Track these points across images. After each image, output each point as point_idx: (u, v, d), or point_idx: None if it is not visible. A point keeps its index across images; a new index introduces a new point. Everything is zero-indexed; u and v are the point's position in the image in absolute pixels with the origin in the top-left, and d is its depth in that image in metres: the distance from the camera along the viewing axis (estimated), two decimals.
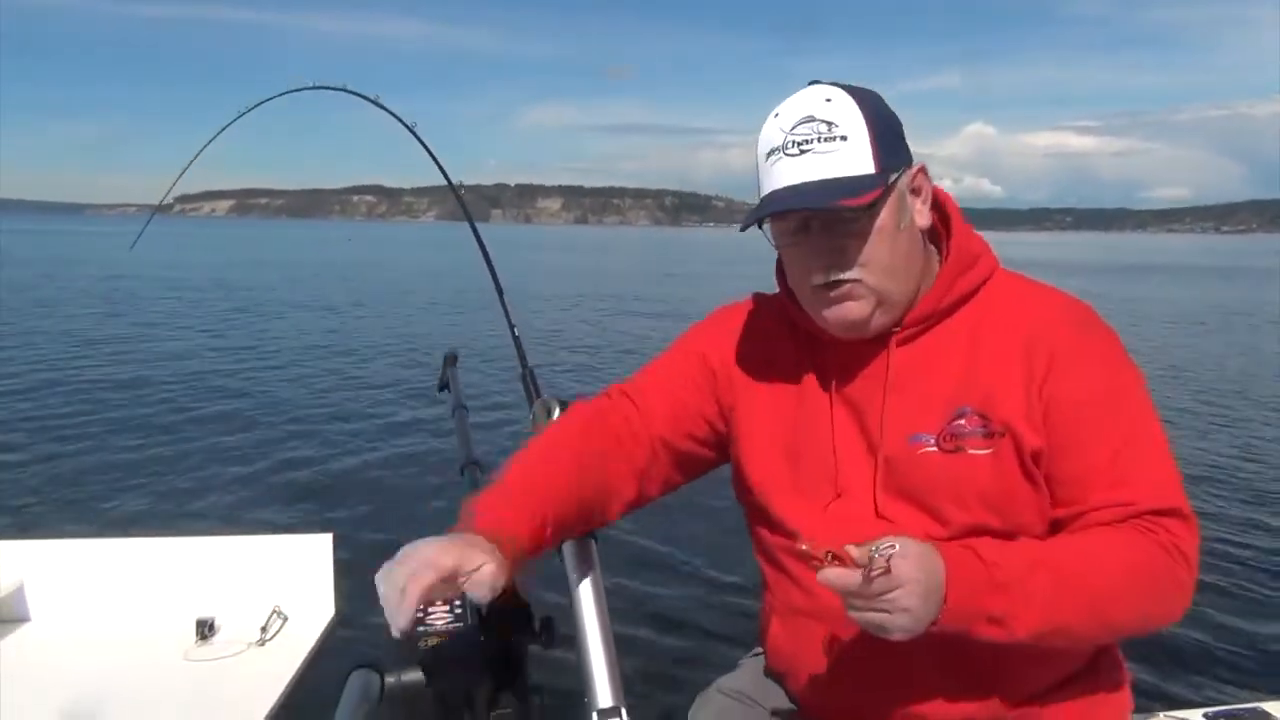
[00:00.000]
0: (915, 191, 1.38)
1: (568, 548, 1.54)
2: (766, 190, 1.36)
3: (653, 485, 1.52)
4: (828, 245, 1.33)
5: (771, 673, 1.57)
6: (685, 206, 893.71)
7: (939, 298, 1.39)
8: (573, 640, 1.42)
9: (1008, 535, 1.31)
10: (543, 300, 21.30)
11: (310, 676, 1.89)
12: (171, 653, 1.93)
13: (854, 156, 1.31)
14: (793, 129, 1.33)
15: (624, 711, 1.21)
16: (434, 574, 1.13)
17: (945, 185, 1.49)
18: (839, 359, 1.43)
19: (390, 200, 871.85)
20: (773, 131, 1.35)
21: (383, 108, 2.50)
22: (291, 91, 2.51)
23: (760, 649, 1.65)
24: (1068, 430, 1.31)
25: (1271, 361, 13.97)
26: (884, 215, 1.33)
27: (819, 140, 1.31)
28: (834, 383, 1.43)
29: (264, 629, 1.98)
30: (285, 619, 2.02)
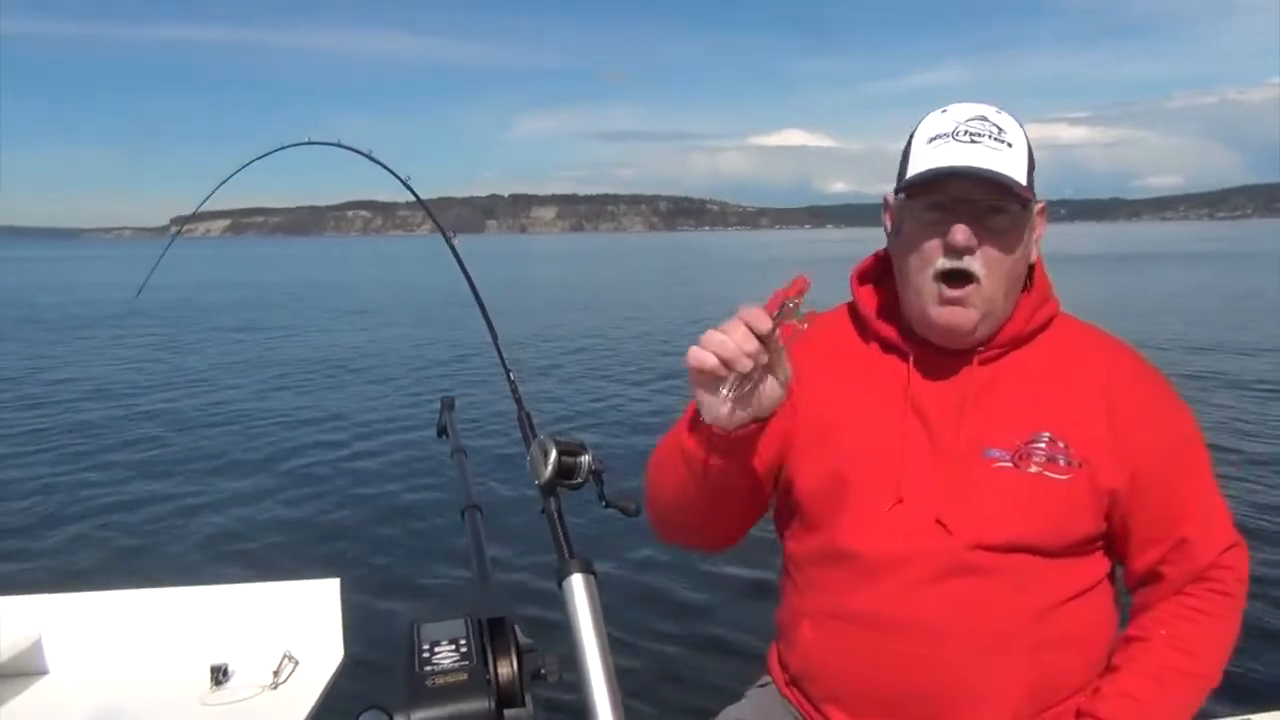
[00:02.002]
0: (1035, 228, 1.47)
1: (568, 583, 1.58)
2: (925, 167, 1.40)
3: (752, 513, 1.58)
4: (972, 230, 1.39)
5: (792, 680, 1.59)
6: (680, 211, 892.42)
7: (1024, 323, 1.47)
8: (576, 676, 1.47)
9: (1055, 556, 1.41)
10: (537, 318, 21.36)
11: (322, 718, 1.94)
12: (187, 699, 1.98)
13: (1016, 163, 1.39)
14: (966, 121, 1.42)
15: None
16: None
17: None
18: (920, 368, 1.49)
19: (385, 215, 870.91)
20: (941, 121, 1.43)
21: (377, 162, 2.56)
22: (288, 147, 2.57)
23: (766, 679, 1.68)
24: (1157, 475, 1.42)
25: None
26: (1021, 228, 1.42)
27: (990, 138, 1.40)
28: (907, 392, 1.48)
29: (276, 673, 2.02)
30: (296, 663, 2.06)
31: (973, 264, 1.40)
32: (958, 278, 1.40)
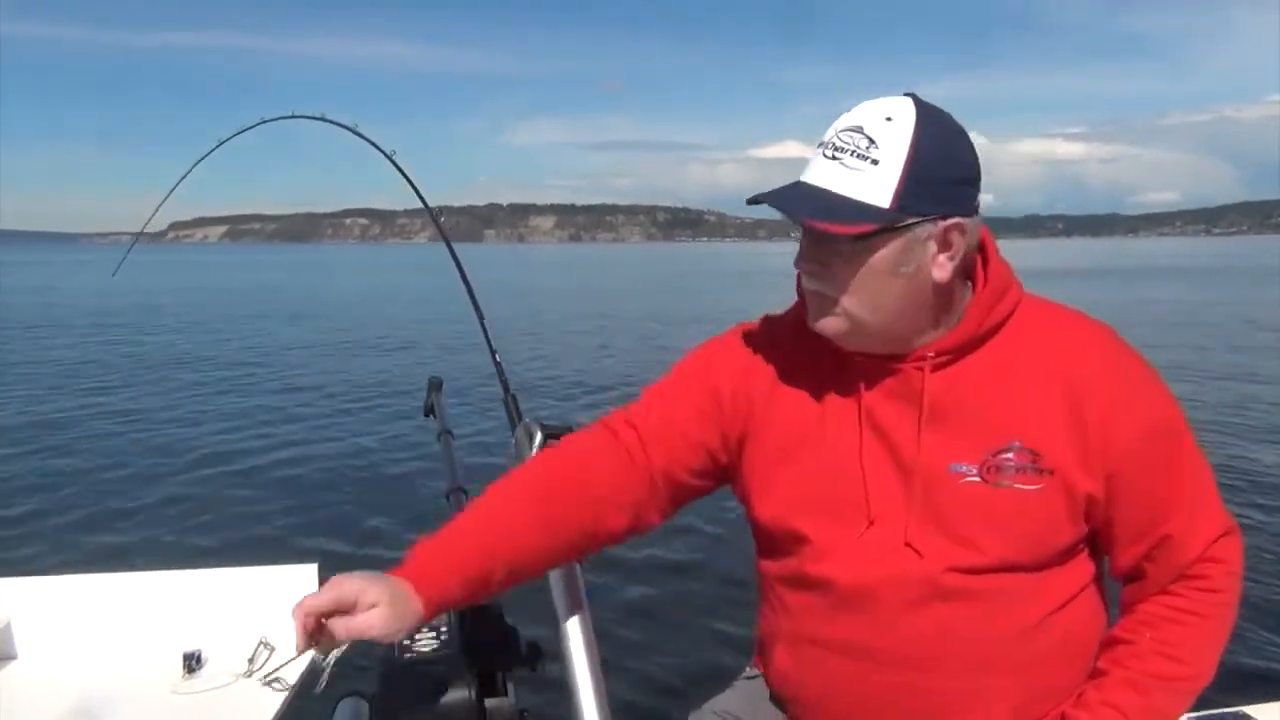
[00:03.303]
0: (945, 245, 1.33)
1: (553, 573, 1.54)
2: (798, 178, 1.35)
3: (650, 515, 1.50)
4: (816, 254, 1.33)
5: (773, 697, 1.56)
6: (678, 222, 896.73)
7: (974, 326, 1.37)
8: (559, 662, 1.43)
9: (1036, 569, 1.34)
10: (531, 320, 21.36)
11: (299, 706, 1.89)
12: (160, 687, 1.93)
13: (873, 184, 1.28)
14: (840, 132, 1.32)
15: None
16: (319, 603, 1.22)
17: None
18: (868, 380, 1.40)
19: (383, 222, 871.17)
20: (832, 125, 1.34)
21: (361, 136, 2.51)
22: (268, 121, 2.52)
23: (754, 670, 1.64)
24: (1135, 471, 1.33)
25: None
26: (882, 254, 1.30)
27: (852, 154, 1.29)
28: (861, 405, 1.40)
29: (251, 660, 1.97)
30: (272, 650, 2.01)
31: (820, 285, 1.35)
32: (810, 293, 1.37)
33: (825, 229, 1.28)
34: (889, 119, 1.30)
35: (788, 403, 1.45)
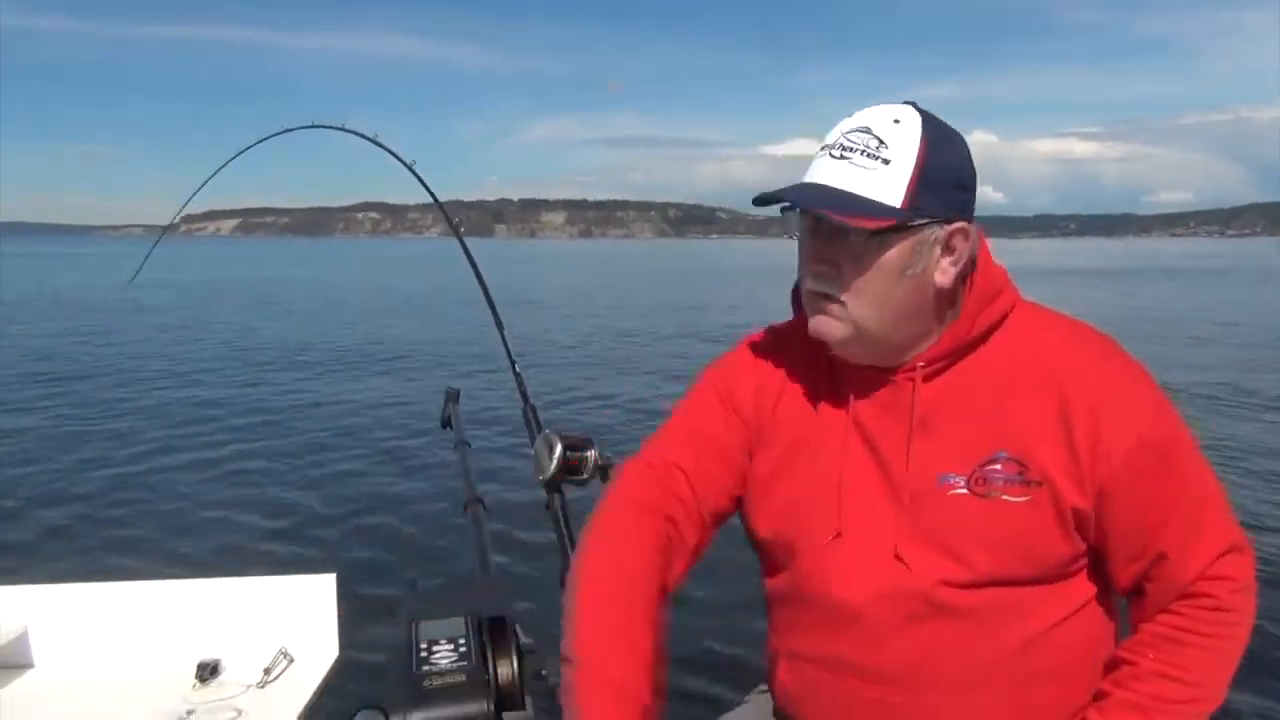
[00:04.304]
0: (948, 249, 1.33)
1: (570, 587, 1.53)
2: (802, 180, 1.33)
3: (700, 553, 1.47)
4: (825, 254, 1.32)
5: (778, 715, 1.55)
6: (689, 219, 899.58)
7: (964, 332, 1.36)
8: None
9: (1029, 584, 1.31)
10: (546, 319, 21.40)
11: (314, 718, 1.88)
12: (175, 696, 1.92)
13: (886, 183, 1.28)
14: (847, 133, 1.31)
15: None
16: None
17: None
18: (859, 391, 1.39)
19: (394, 217, 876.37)
20: (834, 129, 1.34)
21: (382, 146, 2.51)
22: (290, 130, 2.53)
23: (765, 688, 1.62)
24: (1125, 483, 1.29)
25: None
26: (892, 253, 1.30)
27: (862, 153, 1.29)
28: (851, 414, 1.39)
29: (267, 670, 1.97)
30: (289, 660, 2.01)
31: (826, 286, 1.33)
32: (818, 295, 1.35)
33: (845, 221, 1.27)
34: (896, 121, 1.30)
35: (789, 415, 1.45)
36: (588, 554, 1.35)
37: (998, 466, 1.30)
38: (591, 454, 1.72)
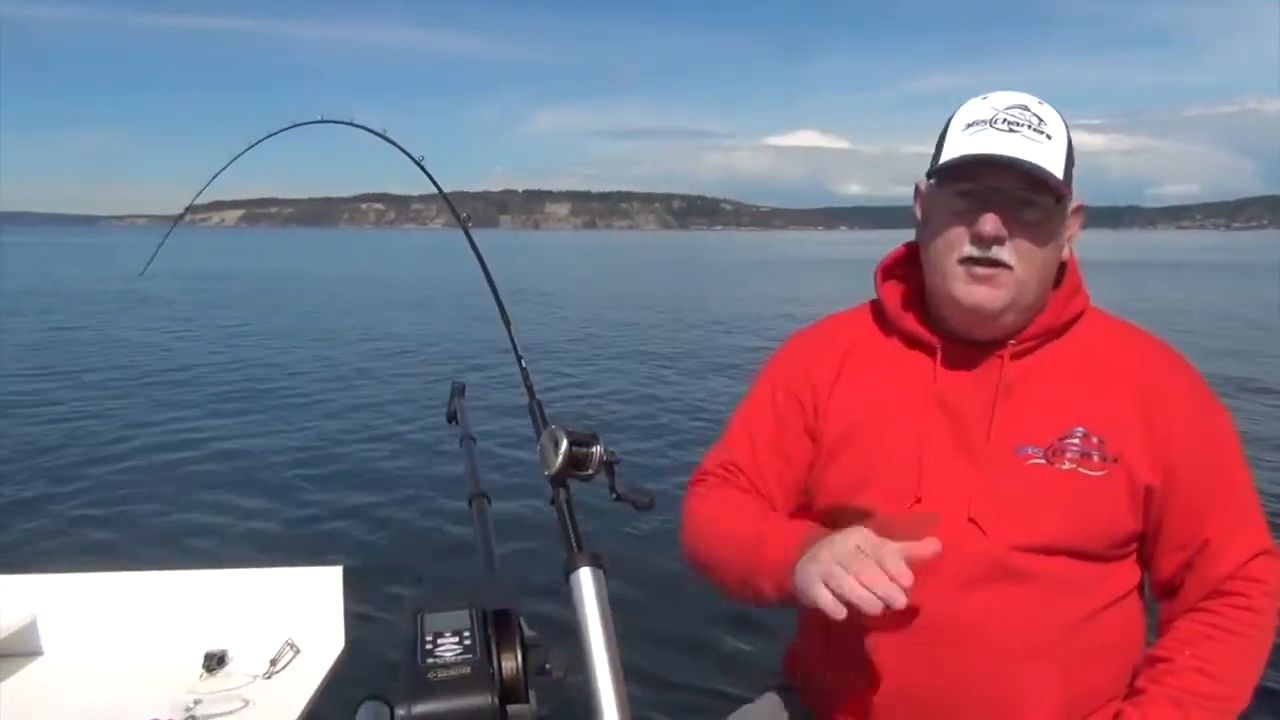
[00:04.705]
0: (1070, 227, 1.44)
1: (575, 577, 1.54)
2: (960, 154, 1.37)
3: None
4: (1003, 220, 1.36)
5: (804, 699, 1.56)
6: (693, 210, 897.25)
7: (1055, 316, 1.44)
8: (582, 672, 1.43)
9: (1094, 559, 1.37)
10: (551, 311, 21.39)
11: (320, 709, 1.90)
12: (182, 686, 1.94)
13: (1053, 156, 1.36)
14: (1006, 109, 1.37)
15: None
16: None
17: None
18: (947, 366, 1.45)
19: (399, 207, 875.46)
20: (980, 108, 1.39)
21: (392, 142, 2.51)
22: (299, 125, 2.53)
23: (782, 679, 1.64)
24: (1188, 473, 1.38)
25: None
26: (1054, 223, 1.39)
27: (1029, 128, 1.36)
28: (933, 387, 1.45)
29: (274, 661, 1.99)
30: (295, 651, 2.02)
31: (1001, 254, 1.37)
32: (986, 264, 1.38)
33: (1051, 180, 1.34)
34: (1040, 103, 1.39)
35: (847, 394, 1.51)
36: (692, 514, 1.58)
37: (1075, 440, 1.37)
38: (597, 449, 1.72)
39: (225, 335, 17.79)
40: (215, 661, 1.99)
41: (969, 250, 1.38)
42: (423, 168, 2.41)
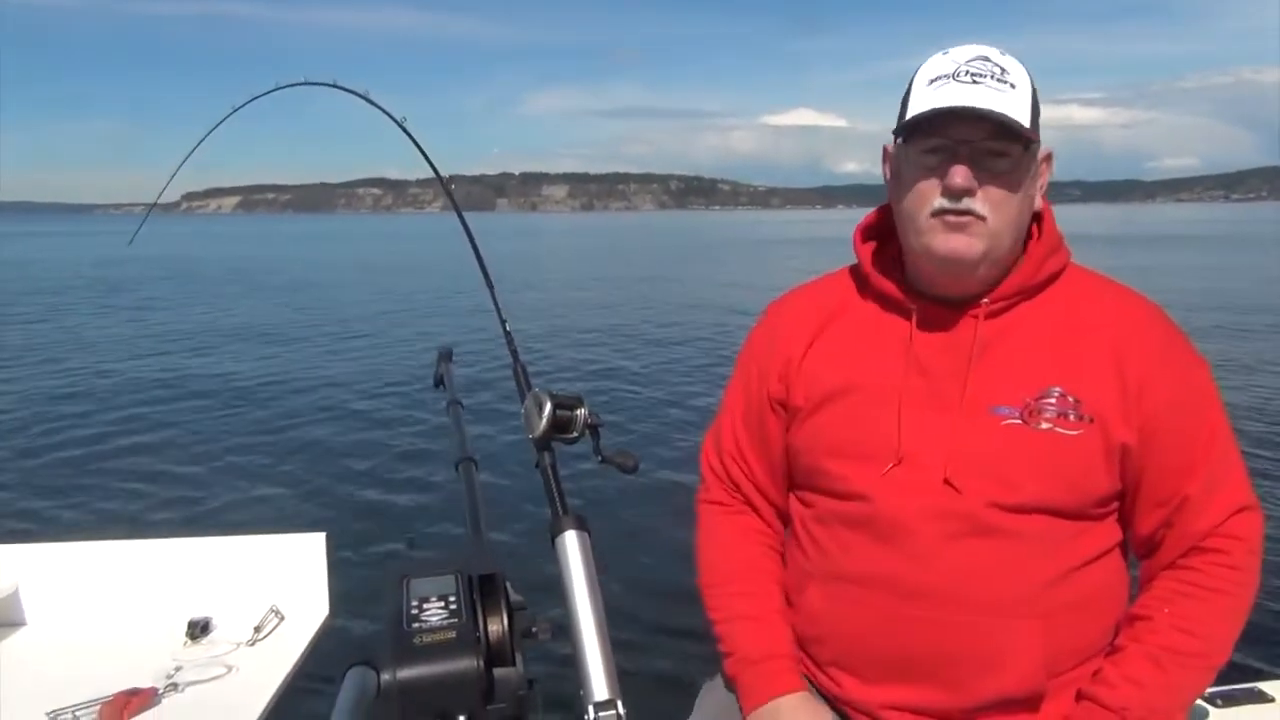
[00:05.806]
0: (1040, 174, 1.43)
1: (561, 540, 1.54)
2: (925, 108, 1.36)
3: (785, 504, 1.65)
4: (973, 172, 1.35)
5: (802, 644, 1.57)
6: (691, 190, 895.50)
7: (1030, 274, 1.42)
8: (568, 635, 1.43)
9: (1070, 518, 1.37)
10: (544, 287, 21.36)
11: (305, 675, 1.89)
12: (166, 653, 1.93)
13: (1018, 105, 1.34)
14: (968, 62, 1.36)
15: (620, 704, 1.21)
16: None
17: None
18: (921, 327, 1.45)
19: (396, 192, 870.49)
20: (941, 63, 1.38)
21: (371, 103, 2.48)
22: (281, 88, 2.49)
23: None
24: (1165, 430, 1.36)
25: None
26: (1023, 171, 1.38)
27: (991, 79, 1.34)
28: (910, 348, 1.44)
29: (258, 629, 1.98)
30: (279, 618, 2.01)
31: (973, 204, 1.36)
32: (959, 214, 1.37)
33: (1017, 127, 1.33)
34: (1002, 53, 1.37)
35: (823, 359, 1.51)
36: (705, 560, 1.71)
37: (1052, 400, 1.36)
38: (581, 412, 1.71)
39: (212, 312, 17.70)
40: (199, 629, 1.98)
41: (941, 203, 1.37)
42: (404, 128, 2.38)
